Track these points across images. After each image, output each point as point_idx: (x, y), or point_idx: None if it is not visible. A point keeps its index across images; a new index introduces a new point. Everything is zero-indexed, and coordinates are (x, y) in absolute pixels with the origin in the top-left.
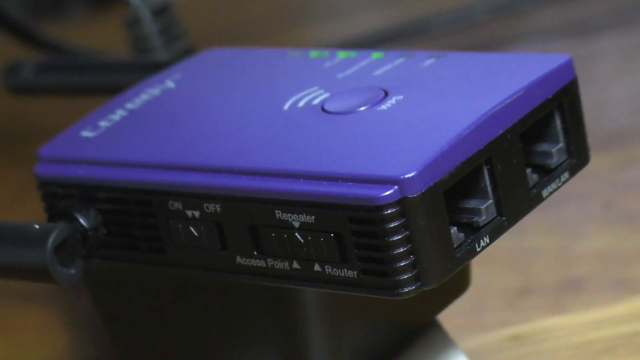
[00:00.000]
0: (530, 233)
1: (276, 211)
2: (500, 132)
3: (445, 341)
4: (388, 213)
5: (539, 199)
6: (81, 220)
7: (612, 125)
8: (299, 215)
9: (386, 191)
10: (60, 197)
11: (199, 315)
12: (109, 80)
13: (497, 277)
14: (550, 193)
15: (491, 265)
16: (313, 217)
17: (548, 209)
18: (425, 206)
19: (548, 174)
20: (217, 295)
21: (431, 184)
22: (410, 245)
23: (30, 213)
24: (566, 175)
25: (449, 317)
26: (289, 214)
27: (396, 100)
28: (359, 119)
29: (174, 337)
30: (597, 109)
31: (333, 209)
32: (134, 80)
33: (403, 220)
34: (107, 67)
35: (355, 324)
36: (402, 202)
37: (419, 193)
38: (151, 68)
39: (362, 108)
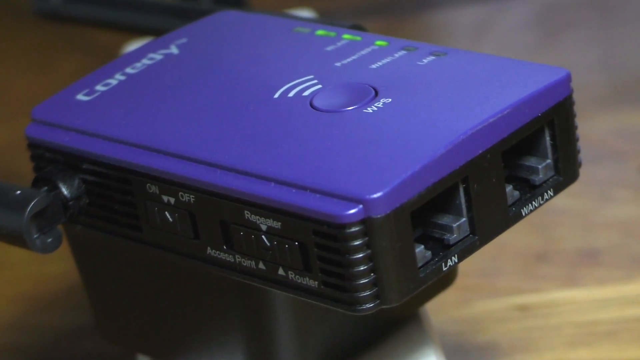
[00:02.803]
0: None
1: (245, 211)
2: (480, 152)
3: (420, 338)
4: (351, 231)
5: (517, 218)
6: (63, 189)
7: None
8: (267, 220)
9: (350, 210)
10: (47, 161)
11: (171, 294)
12: (135, 19)
13: (518, 238)
14: (531, 211)
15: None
16: (280, 223)
17: (583, 166)
18: (389, 227)
19: (531, 190)
20: (189, 279)
21: (397, 205)
22: (371, 263)
23: None
24: (550, 193)
25: (461, 276)
26: (257, 216)
27: (384, 104)
28: (343, 122)
29: (147, 310)
30: None
31: (299, 218)
32: (163, 24)
33: (366, 239)
34: (137, 6)
35: (324, 319)
36: (365, 222)
37: (384, 214)
38: (185, 15)
39: (349, 108)
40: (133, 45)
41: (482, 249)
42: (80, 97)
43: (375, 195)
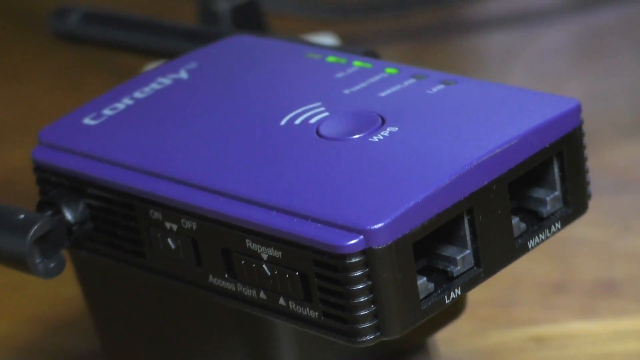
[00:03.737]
0: (581, 221)
1: (247, 240)
2: (485, 184)
3: None
4: (351, 262)
5: (523, 250)
6: (67, 214)
7: None
8: (268, 248)
9: (351, 240)
10: (52, 185)
11: (175, 321)
12: (152, 42)
13: (536, 267)
14: (538, 244)
15: (534, 251)
16: (280, 252)
17: (604, 196)
18: (391, 258)
19: (539, 222)
20: (193, 306)
21: (399, 236)
22: (372, 295)
23: None
24: (558, 225)
25: (478, 305)
26: (258, 245)
27: (390, 132)
28: (348, 150)
29: (151, 336)
30: None
31: (300, 248)
32: (181, 47)
33: (366, 270)
34: (154, 29)
35: (327, 349)
36: (366, 252)
37: (385, 245)
38: (202, 38)
39: (355, 136)
40: (154, 65)
41: (499, 277)
42: (87, 120)
43: (376, 226)
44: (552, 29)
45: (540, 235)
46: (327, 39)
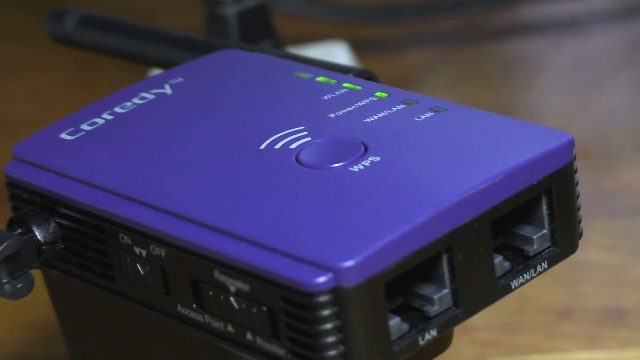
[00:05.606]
0: (593, 244)
1: (215, 270)
2: (466, 221)
3: None
4: (319, 300)
5: (505, 291)
6: (37, 233)
7: None
8: (236, 281)
9: (319, 277)
10: (25, 202)
11: (145, 346)
12: (147, 50)
13: (542, 290)
14: (522, 284)
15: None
16: (248, 286)
17: (619, 218)
18: (361, 298)
19: (524, 261)
20: (162, 334)
21: (371, 275)
22: (341, 335)
23: None
24: (544, 265)
25: (480, 329)
26: (226, 277)
27: (371, 162)
28: (327, 180)
29: (121, 359)
30: None
31: (267, 282)
32: (175, 57)
33: (335, 309)
34: (150, 37)
35: None
36: (335, 291)
37: (355, 284)
38: (197, 48)
39: (335, 165)
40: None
41: (504, 300)
42: (64, 135)
43: (346, 264)
44: (581, 38)
45: (524, 275)
46: (338, 48)
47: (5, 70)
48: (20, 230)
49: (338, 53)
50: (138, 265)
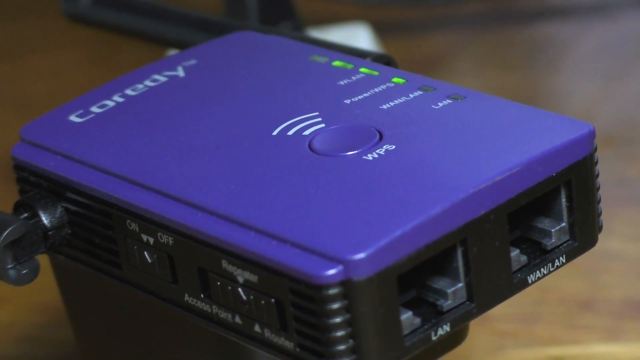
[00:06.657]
0: (615, 234)
1: (223, 260)
2: (482, 213)
3: None
4: (328, 293)
5: (522, 285)
6: (44, 218)
7: None
8: (244, 271)
9: (329, 270)
10: (31, 185)
11: (151, 335)
12: (163, 30)
13: (563, 282)
14: (539, 279)
15: None
16: (257, 277)
17: None
18: (372, 291)
19: (542, 255)
20: (169, 323)
21: (382, 267)
22: (350, 329)
23: None
24: (562, 259)
25: (498, 319)
26: (234, 267)
27: (386, 151)
28: (340, 168)
29: (128, 347)
30: None
31: (276, 274)
32: (191, 37)
33: (345, 302)
34: (166, 17)
35: None
36: (345, 284)
37: (366, 277)
38: (213, 29)
39: (349, 153)
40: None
41: (524, 291)
42: (73, 118)
43: (357, 256)
44: (608, 23)
45: (542, 269)
46: (360, 30)
47: (22, 47)
48: (26, 215)
49: (360, 35)
50: (145, 252)
